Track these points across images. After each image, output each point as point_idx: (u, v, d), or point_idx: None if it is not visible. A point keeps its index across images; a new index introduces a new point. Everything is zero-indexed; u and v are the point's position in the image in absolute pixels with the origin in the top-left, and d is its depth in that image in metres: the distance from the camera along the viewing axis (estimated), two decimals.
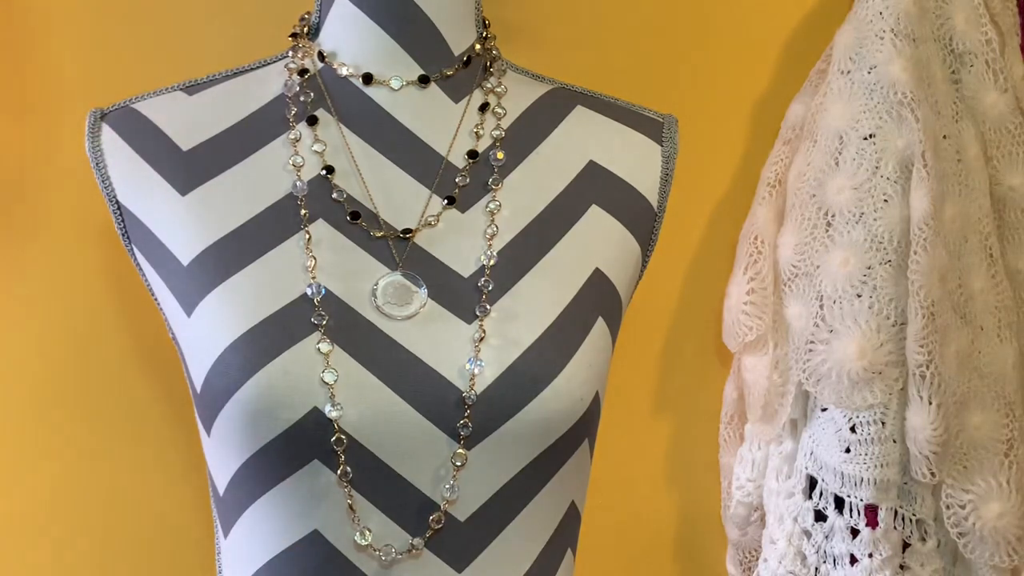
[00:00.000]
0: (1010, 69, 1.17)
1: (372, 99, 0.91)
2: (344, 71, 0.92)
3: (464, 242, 0.87)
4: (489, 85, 0.94)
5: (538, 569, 0.86)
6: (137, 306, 1.20)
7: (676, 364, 1.33)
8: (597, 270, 0.89)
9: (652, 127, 0.97)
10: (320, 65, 0.93)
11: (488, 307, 0.85)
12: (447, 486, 0.81)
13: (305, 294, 0.83)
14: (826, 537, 1.14)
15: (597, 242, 0.90)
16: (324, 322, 0.82)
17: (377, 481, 0.81)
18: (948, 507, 1.12)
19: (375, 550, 0.82)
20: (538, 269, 0.87)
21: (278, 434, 0.80)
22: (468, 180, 0.90)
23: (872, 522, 1.12)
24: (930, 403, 1.08)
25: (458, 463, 0.81)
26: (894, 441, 1.11)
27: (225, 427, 0.81)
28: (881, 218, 1.10)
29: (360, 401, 0.80)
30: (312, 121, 0.91)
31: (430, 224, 0.88)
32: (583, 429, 0.85)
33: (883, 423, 1.11)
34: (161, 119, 0.92)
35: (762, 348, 1.17)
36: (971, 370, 1.13)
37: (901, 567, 1.13)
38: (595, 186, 0.92)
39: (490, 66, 0.95)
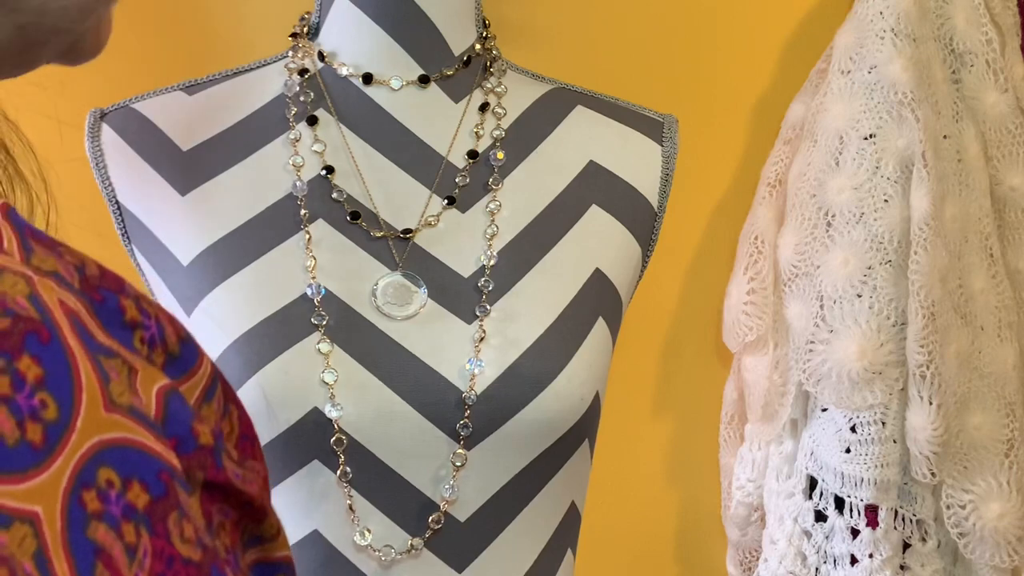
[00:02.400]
0: (1010, 69, 1.17)
1: (372, 99, 0.91)
2: (344, 71, 0.92)
3: (464, 242, 0.87)
4: (489, 85, 0.94)
5: (538, 569, 0.86)
6: None
7: (676, 364, 1.33)
8: (597, 270, 0.89)
9: (652, 127, 0.97)
10: (320, 65, 0.93)
11: (488, 307, 0.85)
12: (447, 486, 0.81)
13: (305, 294, 0.83)
14: (826, 537, 1.14)
15: (597, 242, 0.90)
16: (324, 322, 0.82)
17: (377, 481, 0.81)
18: (948, 507, 1.12)
19: (375, 550, 0.82)
20: (538, 269, 0.87)
21: (278, 434, 0.80)
22: (468, 180, 0.89)
23: (872, 522, 1.12)
24: (930, 403, 1.08)
25: (458, 463, 0.81)
26: (894, 441, 1.11)
27: None
28: (881, 218, 1.10)
29: (360, 401, 0.80)
30: (312, 121, 0.90)
31: (430, 224, 0.88)
32: (583, 429, 0.85)
33: (883, 423, 1.11)
34: (161, 119, 0.91)
35: (762, 348, 1.17)
36: (971, 370, 1.13)
37: (901, 567, 1.13)
38: (595, 186, 0.92)
39: (490, 66, 0.95)
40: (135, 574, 0.30)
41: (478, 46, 0.94)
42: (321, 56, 0.93)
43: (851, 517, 1.12)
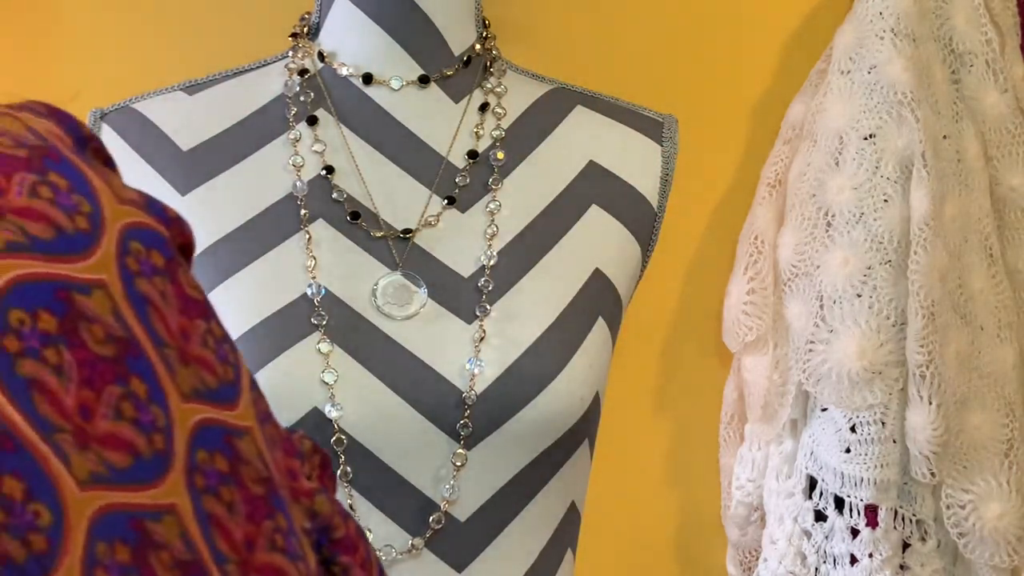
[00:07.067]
0: (1010, 69, 1.17)
1: (372, 99, 0.91)
2: (344, 71, 0.92)
3: (464, 242, 0.87)
4: (489, 85, 0.94)
5: (538, 569, 0.86)
6: None
7: (676, 364, 1.33)
8: (597, 270, 0.89)
9: (652, 127, 0.97)
10: (320, 65, 0.93)
11: (488, 307, 0.85)
12: (447, 486, 0.81)
13: (305, 294, 0.83)
14: (826, 537, 1.14)
15: (597, 242, 0.90)
16: (324, 322, 0.82)
17: (377, 481, 0.81)
18: (948, 507, 1.12)
19: (375, 550, 0.82)
20: (538, 269, 0.87)
21: None
22: (468, 180, 0.89)
23: (872, 522, 1.12)
24: (930, 403, 1.08)
25: (458, 463, 0.81)
26: (894, 441, 1.11)
27: None
28: (881, 218, 1.10)
29: (360, 401, 0.80)
30: (312, 121, 0.90)
31: (430, 224, 0.88)
32: (583, 429, 0.85)
33: (883, 423, 1.11)
34: (161, 119, 0.91)
35: (762, 348, 1.17)
36: (971, 370, 1.13)
37: (901, 567, 1.13)
38: (595, 186, 0.92)
39: (490, 66, 0.95)
40: (196, 298, 0.39)
41: (478, 46, 0.94)
42: (321, 56, 0.93)
43: (851, 517, 1.12)
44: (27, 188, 0.36)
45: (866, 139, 1.12)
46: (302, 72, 0.93)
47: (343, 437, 0.80)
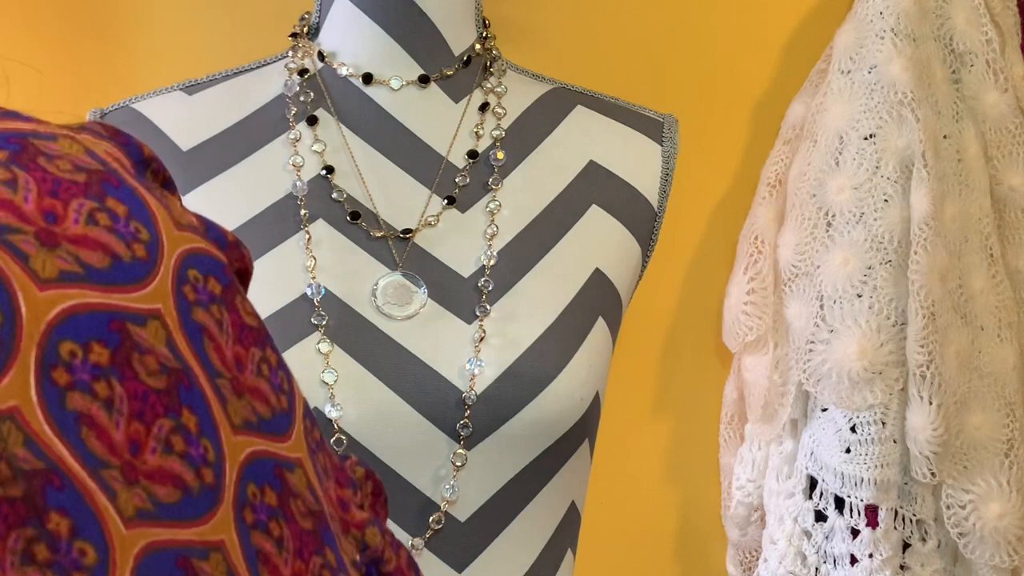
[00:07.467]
0: (1010, 69, 1.17)
1: (372, 99, 0.91)
2: (344, 71, 0.92)
3: (464, 242, 0.87)
4: (489, 85, 0.94)
5: (538, 569, 0.86)
6: None
7: (676, 364, 1.33)
8: (597, 270, 0.89)
9: (652, 127, 0.97)
10: (320, 65, 0.93)
11: (488, 307, 0.85)
12: (447, 486, 0.81)
13: (305, 294, 0.83)
14: (826, 537, 1.14)
15: (597, 242, 0.90)
16: (324, 322, 0.82)
17: None
18: (948, 507, 1.12)
19: None
20: (538, 269, 0.87)
21: None
22: (468, 180, 0.89)
23: (872, 522, 1.12)
24: (930, 403, 1.08)
25: (458, 463, 0.81)
26: (894, 441, 1.11)
27: None
28: (881, 218, 1.10)
29: (360, 401, 0.80)
30: (312, 121, 0.90)
31: (430, 224, 0.88)
32: (583, 429, 0.85)
33: (883, 423, 1.11)
34: (161, 119, 0.92)
35: (762, 348, 1.17)
36: (971, 370, 1.13)
37: (901, 567, 1.13)
38: (595, 186, 0.92)
39: (490, 66, 0.95)
40: (253, 325, 0.39)
41: (478, 46, 0.94)
42: (321, 56, 0.93)
43: (851, 517, 1.12)
44: (84, 215, 0.36)
45: (866, 139, 1.12)
46: (302, 72, 0.93)
47: (343, 437, 0.80)
